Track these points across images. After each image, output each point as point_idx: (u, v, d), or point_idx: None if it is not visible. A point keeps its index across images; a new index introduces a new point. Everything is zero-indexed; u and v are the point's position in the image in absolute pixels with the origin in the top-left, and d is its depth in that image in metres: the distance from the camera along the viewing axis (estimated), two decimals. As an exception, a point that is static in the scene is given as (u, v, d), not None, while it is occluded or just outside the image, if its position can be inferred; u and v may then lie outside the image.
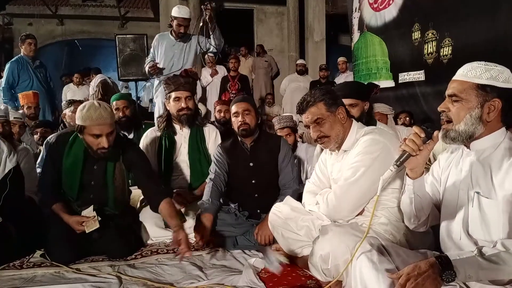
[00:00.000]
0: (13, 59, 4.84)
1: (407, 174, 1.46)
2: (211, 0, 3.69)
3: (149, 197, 2.33)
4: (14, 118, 3.37)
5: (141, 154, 2.42)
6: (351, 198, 1.76)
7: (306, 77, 7.24)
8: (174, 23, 3.80)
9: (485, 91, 1.30)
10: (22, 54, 4.84)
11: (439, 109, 1.40)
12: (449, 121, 1.36)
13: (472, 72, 1.32)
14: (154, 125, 4.29)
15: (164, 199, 2.19)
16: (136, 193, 2.88)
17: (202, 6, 3.69)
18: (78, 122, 2.13)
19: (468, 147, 1.39)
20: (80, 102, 3.42)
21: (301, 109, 1.88)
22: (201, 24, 3.69)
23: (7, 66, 4.77)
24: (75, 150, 2.24)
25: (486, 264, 1.13)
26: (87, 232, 2.14)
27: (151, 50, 4.00)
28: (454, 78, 1.37)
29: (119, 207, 2.34)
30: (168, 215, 2.16)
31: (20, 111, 3.85)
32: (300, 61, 7.48)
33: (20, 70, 4.72)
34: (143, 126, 4.07)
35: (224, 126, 3.61)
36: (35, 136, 3.70)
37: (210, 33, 3.74)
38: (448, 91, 1.36)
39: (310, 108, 1.84)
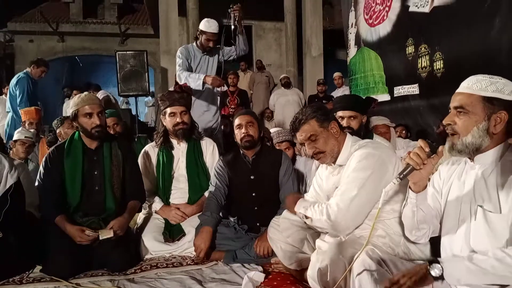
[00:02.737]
0: (22, 75, 4.91)
1: (410, 188, 1.45)
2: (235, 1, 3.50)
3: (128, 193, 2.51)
4: (26, 137, 3.43)
5: (132, 152, 2.63)
6: (353, 211, 1.73)
7: (293, 89, 7.24)
8: (203, 37, 3.62)
9: (492, 103, 1.30)
10: (29, 73, 4.90)
11: (444, 122, 1.39)
12: (454, 133, 1.36)
13: (478, 85, 1.33)
14: (146, 138, 4.32)
15: (133, 200, 2.48)
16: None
17: (229, 10, 3.51)
18: (72, 110, 2.37)
19: (472, 160, 1.38)
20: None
21: (294, 128, 1.90)
22: (232, 27, 3.53)
23: (20, 80, 4.83)
24: (73, 150, 2.39)
25: (474, 268, 1.16)
26: (100, 238, 2.19)
27: (182, 63, 3.58)
28: (458, 90, 1.38)
29: (119, 214, 2.39)
30: (127, 210, 2.41)
31: (32, 130, 3.88)
32: (283, 75, 7.51)
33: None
34: (135, 139, 4.10)
35: (226, 139, 3.65)
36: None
37: (240, 36, 3.61)
38: (454, 104, 1.36)
39: (302, 126, 1.86)
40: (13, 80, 4.89)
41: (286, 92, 7.09)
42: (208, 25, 3.59)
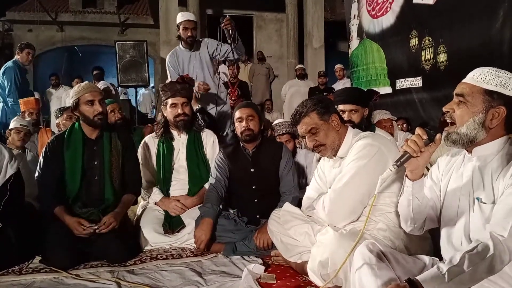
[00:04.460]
0: (10, 64, 4.79)
1: (406, 176, 1.45)
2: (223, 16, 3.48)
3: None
4: (21, 125, 3.40)
5: (132, 144, 2.61)
6: (346, 202, 1.76)
7: (307, 81, 7.28)
8: (181, 29, 3.60)
9: (492, 97, 1.30)
10: (18, 61, 4.79)
11: (444, 109, 1.40)
12: (453, 123, 1.36)
13: (482, 77, 1.33)
14: (142, 129, 4.32)
15: (129, 192, 2.48)
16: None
17: (220, 25, 3.43)
18: (73, 99, 2.36)
19: (470, 152, 1.39)
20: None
21: (295, 121, 1.91)
22: (229, 41, 3.48)
23: (7, 70, 4.71)
24: (73, 140, 2.38)
25: (444, 278, 1.11)
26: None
27: (172, 74, 3.60)
28: (463, 80, 1.38)
29: (117, 205, 2.39)
30: (121, 203, 2.40)
31: (27, 119, 3.86)
32: (299, 66, 7.55)
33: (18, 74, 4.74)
34: (133, 130, 4.11)
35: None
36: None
37: (233, 45, 3.56)
38: (457, 90, 1.37)
39: (303, 119, 1.87)
40: (1, 70, 4.82)
41: (298, 83, 7.13)
42: (180, 15, 3.64)
